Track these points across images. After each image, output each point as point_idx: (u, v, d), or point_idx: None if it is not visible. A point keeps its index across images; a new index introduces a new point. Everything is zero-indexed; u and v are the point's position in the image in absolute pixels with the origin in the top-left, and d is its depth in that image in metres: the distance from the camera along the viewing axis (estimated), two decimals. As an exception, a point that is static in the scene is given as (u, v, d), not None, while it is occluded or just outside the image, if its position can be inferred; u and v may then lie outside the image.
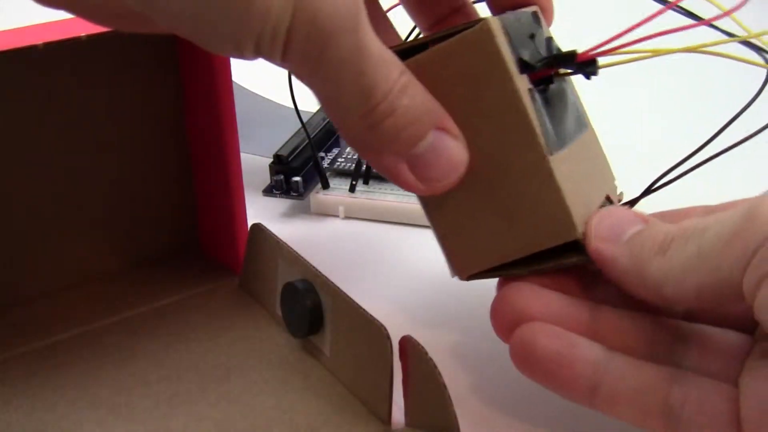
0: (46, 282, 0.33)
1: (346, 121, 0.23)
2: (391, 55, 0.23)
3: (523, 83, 0.25)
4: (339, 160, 0.42)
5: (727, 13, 0.26)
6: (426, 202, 0.27)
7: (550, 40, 0.27)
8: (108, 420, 0.27)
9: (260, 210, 0.40)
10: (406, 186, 0.25)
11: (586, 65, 0.25)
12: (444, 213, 0.27)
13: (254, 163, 0.41)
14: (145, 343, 0.31)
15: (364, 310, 0.27)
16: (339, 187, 0.41)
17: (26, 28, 0.28)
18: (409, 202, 0.39)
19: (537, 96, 0.25)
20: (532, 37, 0.26)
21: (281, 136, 0.42)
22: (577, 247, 0.25)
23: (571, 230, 0.25)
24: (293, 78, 0.39)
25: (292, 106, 0.39)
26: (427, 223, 0.39)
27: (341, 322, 0.28)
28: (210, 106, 0.32)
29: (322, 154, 0.43)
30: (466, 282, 0.29)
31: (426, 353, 0.25)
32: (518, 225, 0.26)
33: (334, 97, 0.22)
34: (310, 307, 0.29)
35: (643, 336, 0.25)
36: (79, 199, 0.33)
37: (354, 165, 0.41)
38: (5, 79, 0.30)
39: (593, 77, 0.26)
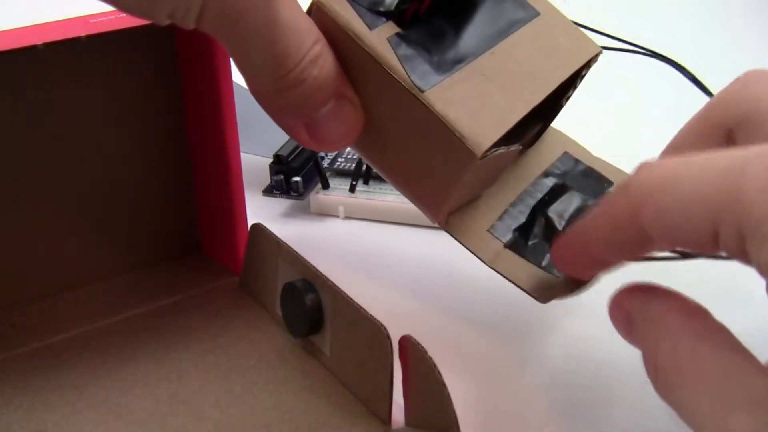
0: (46, 282, 0.33)
1: (256, 84, 0.24)
2: (307, 24, 0.24)
3: (379, 34, 0.25)
4: (339, 160, 0.42)
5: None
6: (376, 166, 0.28)
7: None
8: (108, 420, 0.27)
9: (260, 210, 0.40)
10: (302, 144, 0.26)
11: None
12: (390, 169, 0.27)
13: (254, 163, 0.41)
14: (145, 343, 0.31)
15: (364, 310, 0.27)
16: (339, 187, 0.41)
17: (26, 28, 0.28)
18: (409, 203, 0.39)
19: (410, 34, 0.25)
20: None
21: (281, 136, 0.42)
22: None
23: (470, 156, 0.24)
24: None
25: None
26: (427, 223, 0.39)
27: (341, 322, 0.28)
28: (210, 106, 0.32)
29: (322, 154, 0.43)
30: (465, 281, 0.29)
31: (426, 353, 0.25)
32: (434, 164, 0.25)
33: (246, 62, 0.24)
34: (310, 307, 0.29)
35: None
36: (79, 199, 0.33)
37: (354, 165, 0.41)
38: (5, 79, 0.30)
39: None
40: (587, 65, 0.29)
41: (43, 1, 0.57)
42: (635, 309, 0.23)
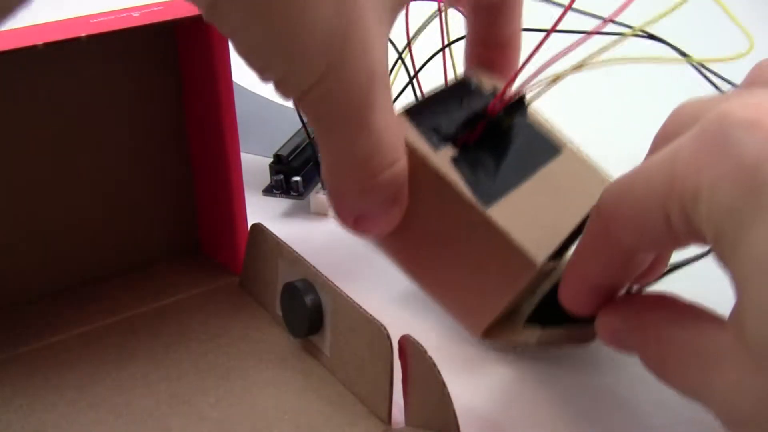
0: (46, 282, 0.33)
1: (332, 169, 0.25)
2: (398, 137, 0.25)
3: (443, 156, 0.27)
4: (339, 160, 0.42)
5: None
6: (414, 278, 0.29)
7: (483, 95, 0.30)
8: (108, 420, 0.27)
9: (260, 210, 0.40)
10: (343, 225, 0.27)
11: (515, 106, 0.29)
12: (433, 283, 0.29)
13: (254, 163, 0.41)
14: (145, 343, 0.31)
15: (364, 310, 0.27)
16: (339, 187, 0.41)
17: (26, 28, 0.28)
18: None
19: (465, 158, 0.28)
20: (461, 104, 0.29)
21: (281, 136, 0.42)
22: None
23: (529, 266, 0.27)
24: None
25: (292, 106, 0.39)
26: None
27: (341, 322, 0.28)
28: (210, 106, 0.32)
29: (322, 154, 0.43)
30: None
31: (425, 352, 0.25)
32: (489, 274, 0.28)
33: (332, 148, 0.24)
34: (310, 307, 0.29)
35: None
36: (80, 199, 0.33)
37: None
38: (5, 79, 0.30)
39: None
40: None
41: (43, 1, 0.57)
42: (618, 321, 0.25)
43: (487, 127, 0.29)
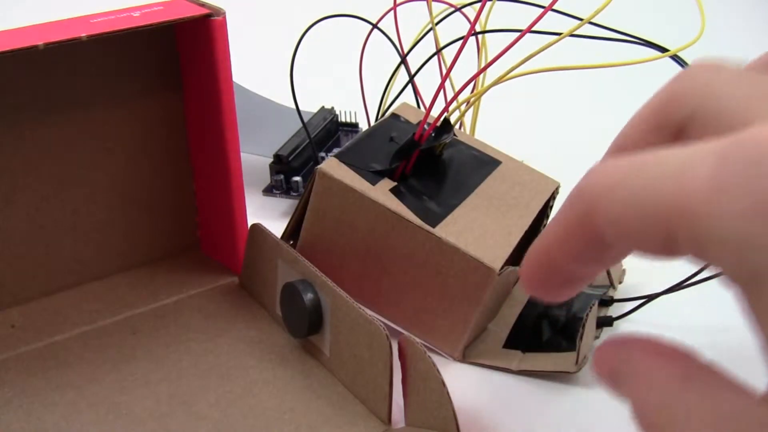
0: (46, 282, 0.33)
1: None
2: None
3: (381, 188, 0.30)
4: (339, 160, 0.42)
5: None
6: (385, 316, 0.31)
7: (411, 128, 0.32)
8: (108, 420, 0.27)
9: (260, 210, 0.40)
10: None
11: (442, 130, 0.31)
12: (408, 315, 0.31)
13: (254, 163, 0.41)
14: (145, 343, 0.31)
15: (363, 310, 0.27)
16: (339, 187, 0.41)
17: (26, 28, 0.28)
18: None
19: (405, 187, 0.30)
20: (392, 139, 0.31)
21: (281, 136, 0.42)
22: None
23: (489, 273, 0.28)
24: (294, 78, 0.39)
25: (292, 106, 0.40)
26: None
27: (341, 322, 0.28)
28: (210, 106, 0.32)
29: (322, 153, 0.43)
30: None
31: (425, 352, 0.25)
32: (453, 293, 0.29)
33: None
34: (310, 307, 0.29)
35: None
36: (80, 199, 0.33)
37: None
38: (5, 79, 0.30)
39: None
40: (552, 197, 0.34)
41: (43, 1, 0.57)
42: (619, 363, 0.22)
43: (421, 155, 0.31)
